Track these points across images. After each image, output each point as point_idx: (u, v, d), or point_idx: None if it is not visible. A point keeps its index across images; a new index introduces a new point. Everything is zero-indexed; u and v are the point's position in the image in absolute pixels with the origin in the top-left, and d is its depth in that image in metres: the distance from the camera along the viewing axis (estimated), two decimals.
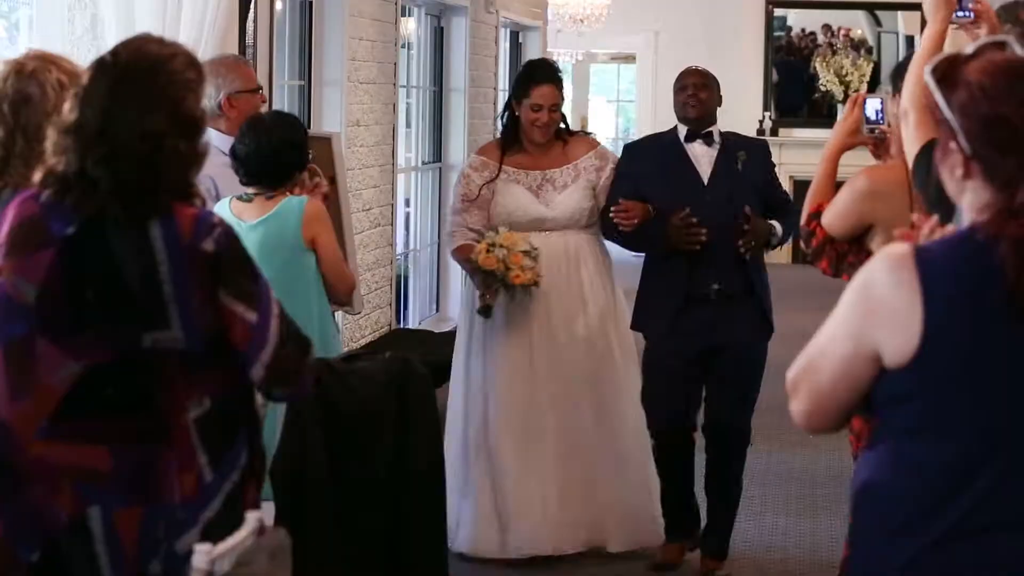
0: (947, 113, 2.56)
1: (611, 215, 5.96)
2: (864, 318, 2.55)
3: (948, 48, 3.75)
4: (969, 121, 2.52)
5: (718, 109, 6.14)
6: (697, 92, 6.06)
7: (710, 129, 6.07)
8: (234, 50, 7.00)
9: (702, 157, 6.04)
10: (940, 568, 2.52)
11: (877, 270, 2.55)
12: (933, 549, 2.52)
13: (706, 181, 5.99)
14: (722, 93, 6.20)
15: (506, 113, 6.33)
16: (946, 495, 2.52)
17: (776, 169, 6.26)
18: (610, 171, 6.18)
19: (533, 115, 6.14)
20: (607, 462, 6.13)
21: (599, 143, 6.55)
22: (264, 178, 4.99)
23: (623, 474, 6.15)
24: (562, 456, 6.09)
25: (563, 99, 6.26)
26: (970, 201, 2.55)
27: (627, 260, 6.77)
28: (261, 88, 5.67)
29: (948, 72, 2.60)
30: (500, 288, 5.96)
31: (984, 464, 2.50)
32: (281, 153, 4.99)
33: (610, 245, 6.27)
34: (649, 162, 6.10)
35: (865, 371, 2.56)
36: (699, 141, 6.05)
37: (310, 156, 5.17)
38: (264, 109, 5.66)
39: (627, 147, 6.49)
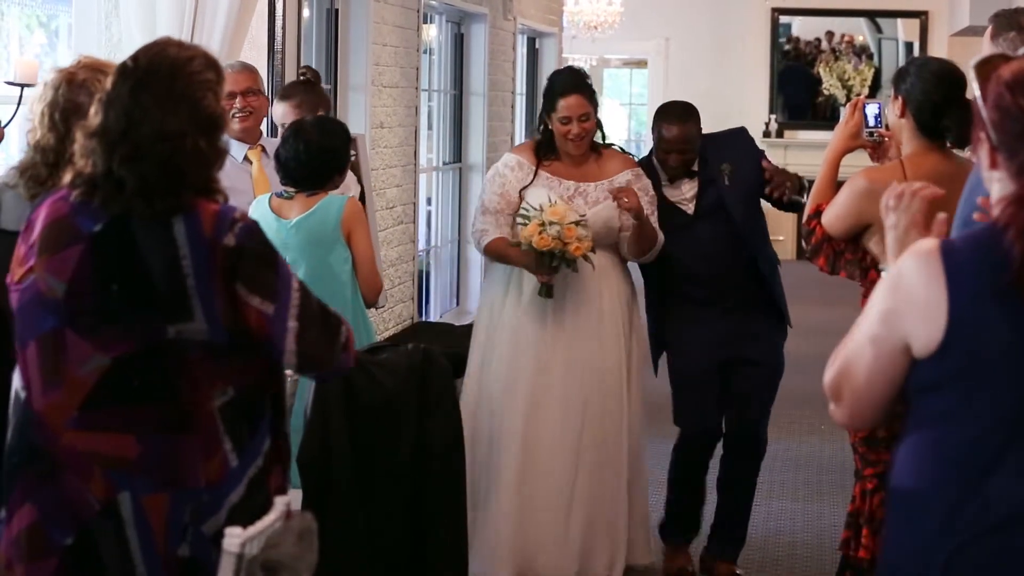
0: (980, 104, 2.59)
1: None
2: (894, 312, 2.54)
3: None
4: (993, 112, 2.54)
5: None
6: (681, 153, 5.64)
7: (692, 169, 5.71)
8: (263, 55, 7.00)
9: (686, 187, 5.71)
10: (979, 564, 2.47)
11: (906, 266, 2.55)
12: (971, 545, 2.47)
13: (691, 211, 5.71)
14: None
15: (541, 125, 5.62)
16: (973, 479, 2.48)
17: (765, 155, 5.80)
18: (644, 188, 5.58)
19: (563, 128, 5.47)
20: (607, 481, 5.62)
21: (635, 161, 5.76)
22: (302, 182, 5.03)
23: (621, 493, 5.64)
24: (566, 478, 5.57)
25: (596, 107, 5.54)
26: (997, 192, 2.55)
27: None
28: (237, 95, 5.55)
29: (986, 68, 2.71)
30: (560, 264, 5.37)
31: (1007, 451, 2.47)
32: (320, 160, 5.00)
33: (636, 273, 5.83)
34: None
35: (899, 364, 2.56)
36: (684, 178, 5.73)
37: (352, 156, 5.18)
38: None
39: None
